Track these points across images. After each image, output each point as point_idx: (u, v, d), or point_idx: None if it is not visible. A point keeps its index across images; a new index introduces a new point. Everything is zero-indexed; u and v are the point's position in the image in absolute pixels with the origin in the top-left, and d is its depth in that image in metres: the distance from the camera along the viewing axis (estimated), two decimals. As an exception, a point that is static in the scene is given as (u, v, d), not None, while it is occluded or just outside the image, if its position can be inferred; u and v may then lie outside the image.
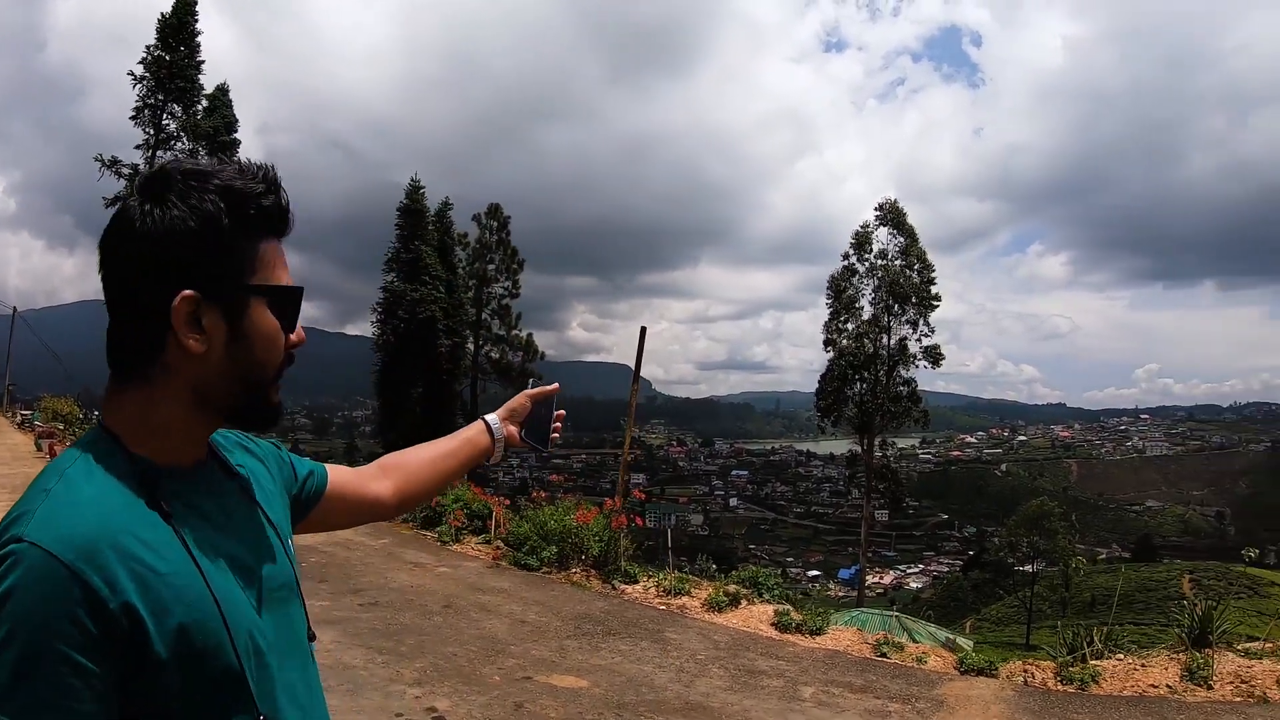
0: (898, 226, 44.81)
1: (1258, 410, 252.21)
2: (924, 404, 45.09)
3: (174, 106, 35.08)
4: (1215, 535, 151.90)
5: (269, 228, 1.35)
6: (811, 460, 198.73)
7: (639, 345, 11.91)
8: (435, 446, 2.05)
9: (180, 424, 1.32)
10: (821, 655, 8.53)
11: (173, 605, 1.18)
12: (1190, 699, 7.20)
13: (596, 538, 11.41)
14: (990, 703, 7.27)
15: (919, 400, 44.46)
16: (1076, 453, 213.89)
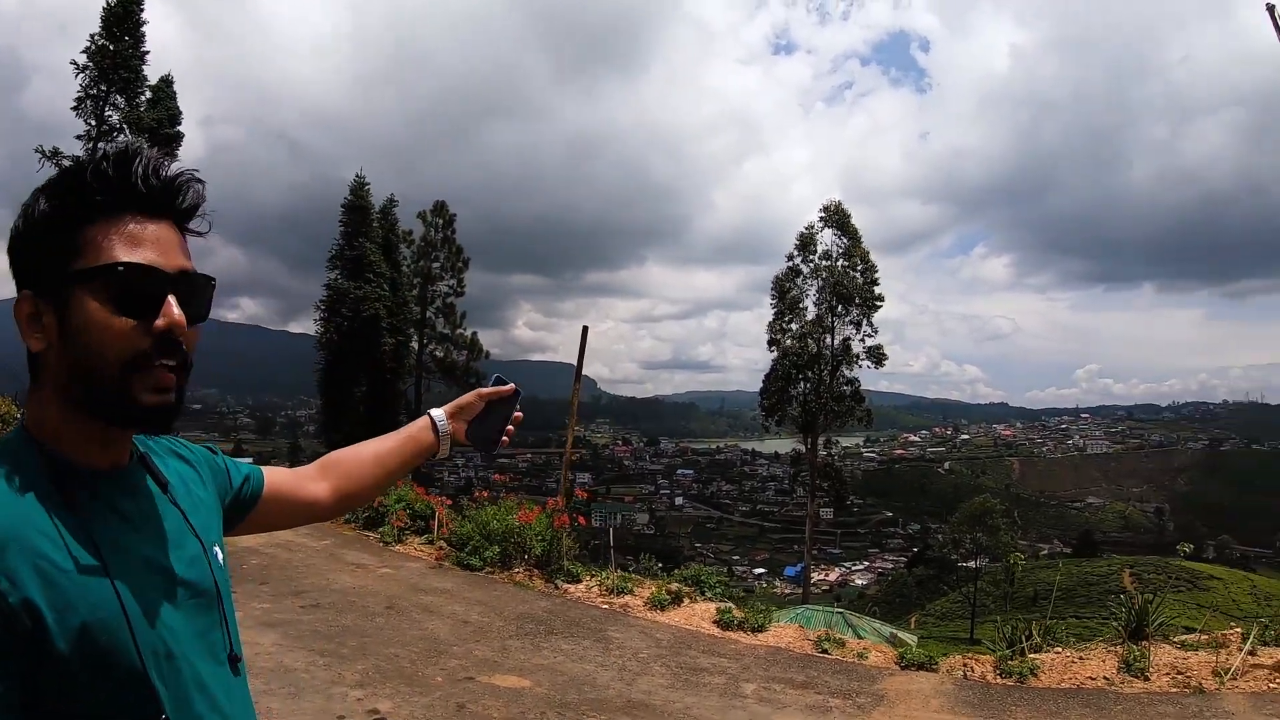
0: (842, 228, 45.12)
1: (1195, 409, 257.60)
2: (867, 403, 45.46)
3: (117, 98, 34.26)
4: (1155, 531, 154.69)
5: (104, 207, 1.27)
6: (756, 459, 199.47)
7: (581, 345, 11.92)
8: (377, 444, 2.00)
9: (64, 423, 1.29)
10: (763, 652, 8.59)
11: (77, 603, 1.17)
12: (1127, 690, 7.35)
13: (539, 537, 11.38)
14: (930, 696, 7.37)
15: (862, 399, 44.82)
16: (1018, 451, 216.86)
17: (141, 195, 1.29)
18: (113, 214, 1.27)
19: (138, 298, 1.26)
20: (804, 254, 45.28)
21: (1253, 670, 7.52)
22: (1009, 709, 7.04)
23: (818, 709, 6.99)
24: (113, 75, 33.87)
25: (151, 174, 1.30)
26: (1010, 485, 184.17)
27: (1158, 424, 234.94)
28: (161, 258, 1.29)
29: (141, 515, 1.35)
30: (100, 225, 1.26)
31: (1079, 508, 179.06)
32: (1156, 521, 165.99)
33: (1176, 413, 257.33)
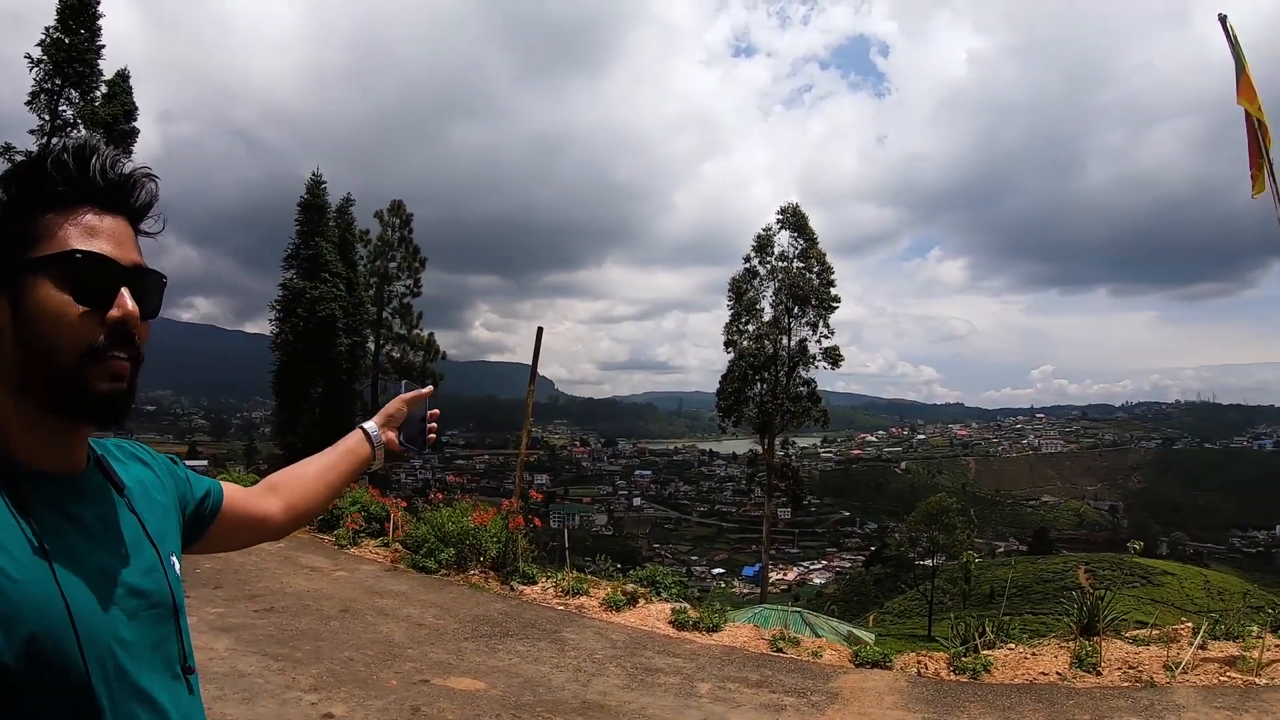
0: (799, 230, 45.26)
1: (1148, 409, 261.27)
2: (824, 404, 45.59)
3: (71, 92, 33.60)
4: (1109, 528, 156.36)
5: (60, 199, 1.28)
6: (714, 460, 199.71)
7: (535, 346, 11.91)
8: (318, 460, 2.01)
9: (14, 422, 1.26)
10: (718, 652, 8.63)
11: (24, 613, 1.14)
12: (1079, 685, 7.45)
13: (494, 539, 11.36)
14: (884, 694, 7.44)
15: (819, 400, 44.95)
16: (974, 451, 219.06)
17: (99, 189, 1.29)
18: (70, 205, 1.27)
19: (93, 288, 1.25)
20: (761, 255, 45.40)
21: (1203, 664, 7.65)
22: (962, 705, 7.10)
23: (772, 707, 7.02)
24: (68, 69, 33.32)
25: (109, 169, 1.30)
26: (966, 484, 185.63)
27: (1111, 423, 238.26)
28: (117, 250, 1.29)
29: (97, 522, 1.33)
30: (57, 215, 1.26)
31: (1034, 506, 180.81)
32: (1111, 519, 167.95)
33: (1130, 412, 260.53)
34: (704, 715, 6.80)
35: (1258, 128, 8.29)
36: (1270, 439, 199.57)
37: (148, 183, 1.35)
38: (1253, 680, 7.28)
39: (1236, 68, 8.38)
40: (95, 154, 1.30)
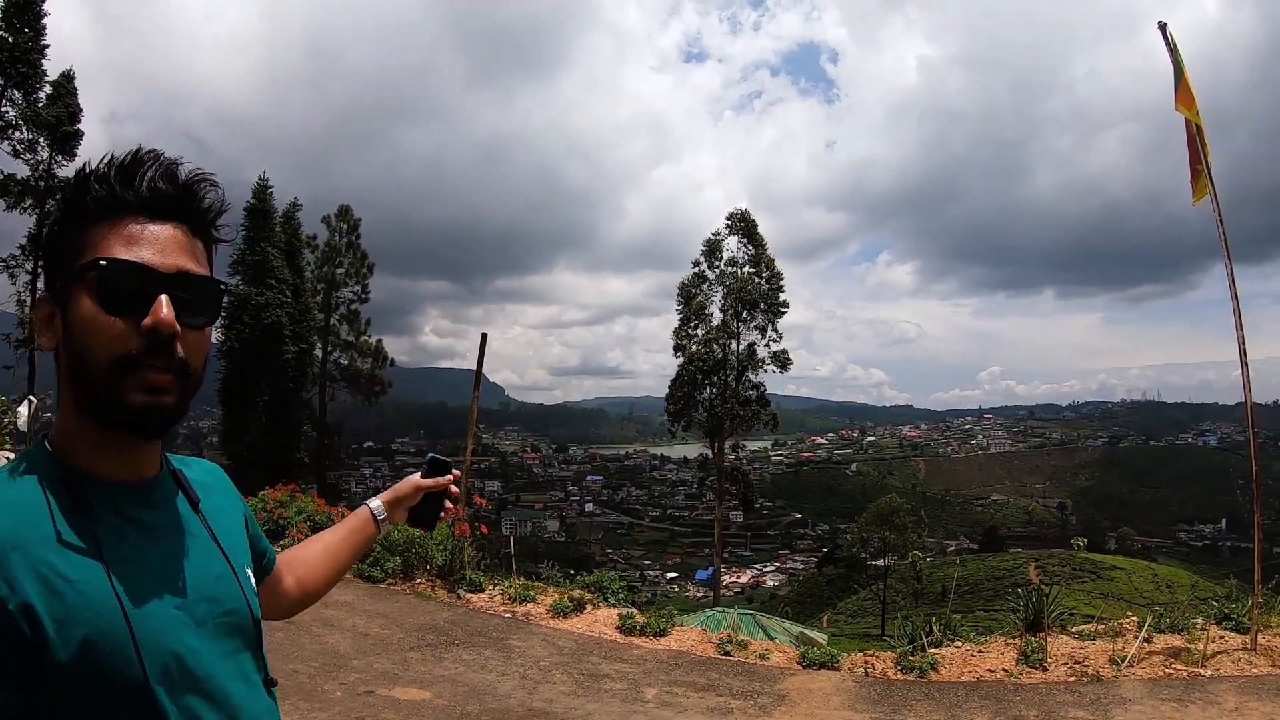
0: (748, 235, 45.58)
1: (1095, 409, 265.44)
2: (774, 407, 45.94)
3: (14, 93, 33.28)
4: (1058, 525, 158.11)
5: (105, 209, 1.29)
6: (666, 464, 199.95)
7: (480, 352, 11.89)
8: (326, 538, 2.00)
9: (78, 429, 1.30)
10: (665, 656, 8.61)
11: (80, 613, 1.16)
12: (1026, 681, 7.51)
13: (440, 547, 11.30)
14: (830, 694, 7.46)
15: (768, 403, 45.26)
16: (924, 451, 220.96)
17: (145, 198, 1.29)
18: (115, 215, 1.28)
19: (125, 296, 1.24)
20: (710, 260, 45.69)
21: (1149, 657, 7.75)
22: (909, 704, 7.14)
23: (719, 710, 7.03)
24: (10, 70, 32.89)
25: (159, 177, 1.31)
26: (917, 485, 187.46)
27: (1059, 423, 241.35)
28: (157, 257, 1.28)
29: (163, 528, 1.35)
30: (101, 225, 1.27)
31: (984, 505, 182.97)
32: (1059, 516, 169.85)
33: (1077, 411, 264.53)
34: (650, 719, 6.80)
35: (1196, 134, 8.43)
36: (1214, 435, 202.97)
37: (207, 188, 1.36)
38: (1198, 672, 7.38)
39: (1176, 75, 8.51)
40: (143, 164, 1.31)
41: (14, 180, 33.88)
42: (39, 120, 33.31)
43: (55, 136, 33.78)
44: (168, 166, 1.32)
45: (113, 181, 1.29)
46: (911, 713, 6.94)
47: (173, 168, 1.33)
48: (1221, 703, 6.73)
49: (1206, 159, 8.34)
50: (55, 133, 33.69)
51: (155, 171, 1.30)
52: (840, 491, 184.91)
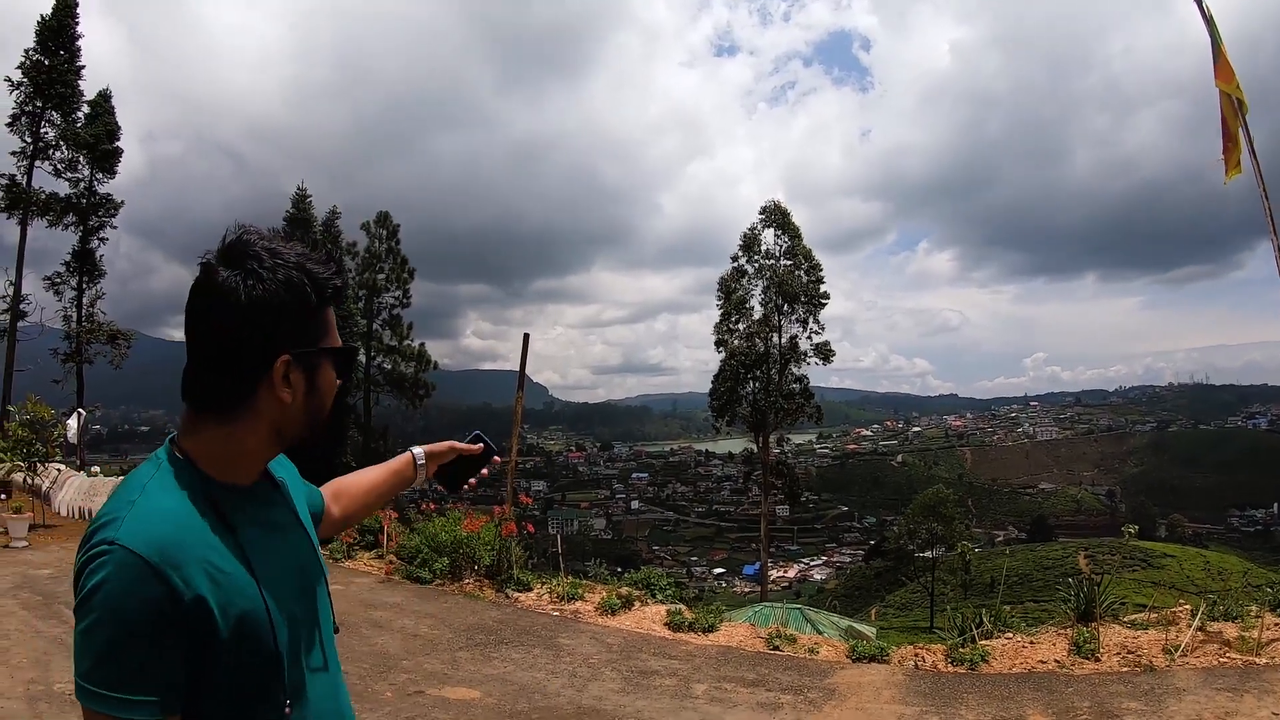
0: (783, 227, 45.35)
1: (1142, 393, 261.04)
2: (817, 400, 45.68)
3: (53, 114, 33.86)
4: (1107, 513, 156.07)
5: (334, 298, 1.65)
6: (710, 459, 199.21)
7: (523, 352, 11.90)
8: (369, 475, 2.35)
9: (255, 454, 1.63)
10: (714, 652, 8.59)
11: (234, 598, 1.47)
12: (1078, 672, 7.38)
13: (488, 547, 11.33)
14: (881, 688, 7.38)
15: (811, 396, 45.02)
16: (970, 441, 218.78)
17: (342, 292, 1.69)
18: (329, 304, 1.65)
19: (348, 369, 1.72)
20: (748, 254, 45.50)
21: (1203, 646, 7.59)
22: (960, 696, 7.06)
23: (768, 706, 6.98)
24: (48, 91, 33.39)
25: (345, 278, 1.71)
26: (963, 475, 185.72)
27: (1106, 409, 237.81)
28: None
29: (272, 522, 1.68)
30: (325, 312, 1.64)
31: (1032, 494, 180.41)
32: (1109, 504, 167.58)
33: (1123, 397, 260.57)
34: (700, 716, 6.76)
35: (1237, 107, 8.25)
36: (1264, 418, 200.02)
37: None
38: (1253, 660, 7.24)
39: (1213, 49, 8.34)
40: (340, 263, 1.69)
41: (57, 198, 34.33)
42: (78, 140, 33.76)
43: (95, 155, 34.25)
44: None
45: (344, 281, 1.69)
46: (963, 705, 6.86)
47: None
48: (1277, 691, 6.59)
49: (1249, 134, 8.17)
50: (95, 151, 34.15)
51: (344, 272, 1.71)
52: (886, 483, 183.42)
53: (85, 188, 34.86)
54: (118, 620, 1.34)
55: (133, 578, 1.35)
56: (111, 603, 1.34)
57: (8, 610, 10.27)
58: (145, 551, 1.37)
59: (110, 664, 1.34)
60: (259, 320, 1.53)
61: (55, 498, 20.55)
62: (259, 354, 1.54)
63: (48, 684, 7.42)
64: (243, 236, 1.58)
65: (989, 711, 6.65)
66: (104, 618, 1.34)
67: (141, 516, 1.42)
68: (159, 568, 1.37)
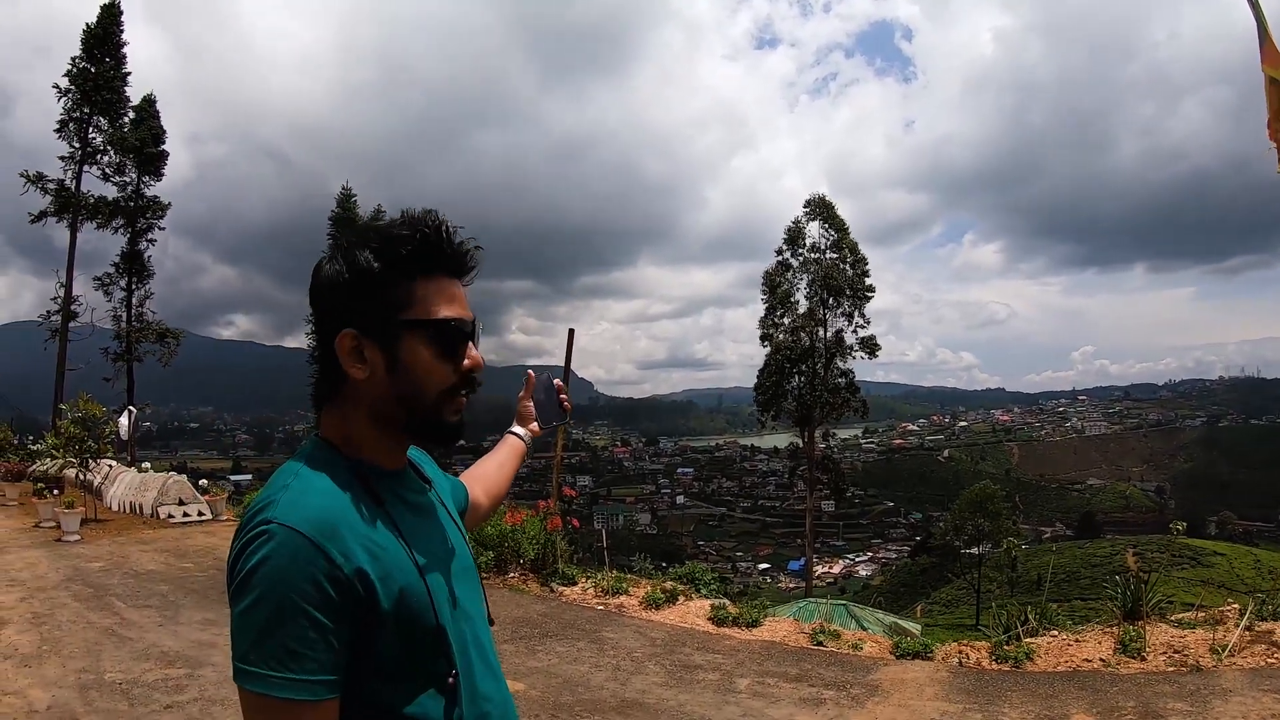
0: (828, 220, 45.15)
1: (1192, 387, 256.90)
2: (863, 394, 45.43)
3: (100, 119, 34.46)
4: (1156, 509, 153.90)
5: (424, 266, 1.58)
6: (756, 454, 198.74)
7: (568, 347, 11.89)
8: (494, 458, 2.47)
9: (370, 437, 1.61)
10: (758, 647, 8.58)
11: (394, 572, 1.48)
12: (1124, 671, 7.28)
13: (532, 541, 11.37)
14: (924, 685, 7.34)
15: (857, 390, 44.79)
16: (1017, 436, 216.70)
17: (447, 259, 1.61)
18: (430, 274, 1.59)
19: (452, 345, 1.60)
20: (793, 248, 45.35)
21: (1250, 646, 7.47)
22: (1004, 694, 7.00)
23: (811, 701, 6.97)
24: (95, 97, 33.92)
25: (454, 241, 1.62)
26: (1010, 470, 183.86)
27: (1155, 403, 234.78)
28: (465, 312, 1.63)
29: (422, 507, 1.70)
30: (422, 282, 1.58)
31: (1080, 490, 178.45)
32: (1158, 500, 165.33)
33: (1173, 390, 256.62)
34: (743, 711, 6.76)
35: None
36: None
37: (477, 250, 1.67)
38: (1303, 660, 7.15)
39: (1259, 32, 8.17)
40: (444, 228, 1.61)
41: (105, 202, 34.89)
42: (125, 144, 34.29)
43: (141, 158, 34.80)
44: (456, 230, 1.63)
45: (436, 245, 1.59)
46: (1006, 703, 6.80)
47: (455, 231, 1.63)
48: (1328, 692, 6.50)
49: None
50: (141, 155, 34.69)
51: (450, 236, 1.61)
52: (933, 478, 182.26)
53: (133, 191, 35.40)
54: (279, 597, 1.36)
55: (293, 554, 1.38)
56: (273, 578, 1.37)
57: (60, 602, 10.48)
58: (304, 528, 1.40)
59: (272, 641, 1.35)
60: (324, 298, 1.59)
61: (107, 493, 20.84)
62: (328, 332, 1.58)
63: (98, 673, 7.57)
64: (345, 229, 1.63)
65: (1032, 710, 6.60)
66: (265, 595, 1.36)
67: (297, 496, 1.46)
68: (319, 543, 1.40)
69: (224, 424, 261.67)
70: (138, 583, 11.78)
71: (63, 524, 15.72)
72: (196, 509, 18.77)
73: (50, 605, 10.28)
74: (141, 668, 7.74)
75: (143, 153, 34.65)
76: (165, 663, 7.90)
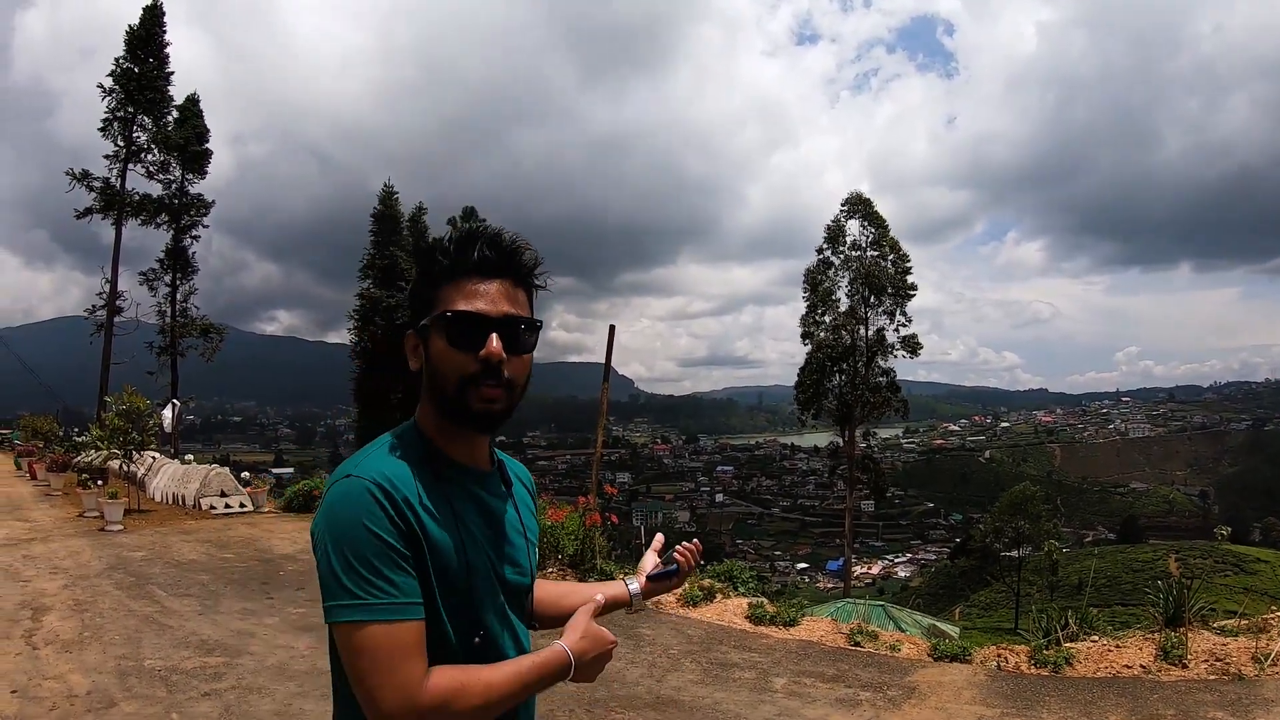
0: (867, 218, 44.91)
1: (1238, 389, 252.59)
2: (904, 393, 45.13)
3: (144, 118, 34.98)
4: (1200, 514, 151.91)
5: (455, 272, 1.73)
6: (796, 453, 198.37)
7: (608, 344, 11.91)
8: (586, 588, 2.31)
9: (437, 424, 1.76)
10: (795, 646, 8.55)
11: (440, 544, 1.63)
12: (1165, 678, 7.18)
13: (571, 537, 11.38)
14: (962, 688, 7.28)
15: (898, 390, 44.50)
16: (1059, 437, 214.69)
17: (476, 263, 1.73)
18: (456, 278, 1.74)
19: (466, 336, 1.70)
20: (833, 246, 45.13)
21: (1294, 655, 7.38)
22: (1042, 699, 6.93)
23: (847, 702, 6.93)
24: (138, 96, 34.47)
25: (486, 246, 1.74)
26: (1052, 472, 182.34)
27: (1200, 405, 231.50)
28: (488, 306, 1.72)
29: (487, 503, 1.81)
30: (448, 286, 1.74)
31: (1122, 493, 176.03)
32: (1201, 505, 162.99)
33: (1218, 393, 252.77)
34: (778, 710, 6.73)
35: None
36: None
37: (524, 251, 1.80)
38: (1347, 670, 7.02)
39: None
40: (476, 238, 1.74)
41: (150, 199, 35.38)
42: (169, 142, 34.76)
43: (185, 156, 35.23)
44: (493, 236, 1.76)
45: (451, 253, 1.74)
46: (1044, 708, 6.72)
47: (497, 237, 1.76)
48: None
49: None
50: (185, 153, 35.12)
51: (483, 242, 1.74)
52: (973, 479, 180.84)
53: (177, 189, 35.81)
54: (356, 529, 1.54)
55: (364, 495, 1.56)
56: (349, 514, 1.55)
57: (102, 590, 10.61)
58: (373, 478, 1.59)
59: (358, 570, 1.52)
60: (409, 303, 1.83)
61: (150, 484, 21.13)
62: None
63: (138, 660, 7.66)
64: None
65: (1070, 716, 6.52)
66: (345, 531, 1.55)
67: (372, 459, 1.66)
68: (390, 491, 1.58)
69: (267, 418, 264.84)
70: (179, 572, 11.94)
71: (106, 514, 15.94)
72: (238, 500, 18.99)
73: (92, 593, 10.42)
74: (180, 655, 7.83)
75: (186, 151, 35.06)
76: (204, 651, 7.99)
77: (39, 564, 12.31)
